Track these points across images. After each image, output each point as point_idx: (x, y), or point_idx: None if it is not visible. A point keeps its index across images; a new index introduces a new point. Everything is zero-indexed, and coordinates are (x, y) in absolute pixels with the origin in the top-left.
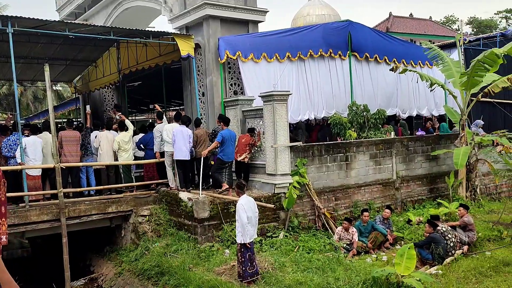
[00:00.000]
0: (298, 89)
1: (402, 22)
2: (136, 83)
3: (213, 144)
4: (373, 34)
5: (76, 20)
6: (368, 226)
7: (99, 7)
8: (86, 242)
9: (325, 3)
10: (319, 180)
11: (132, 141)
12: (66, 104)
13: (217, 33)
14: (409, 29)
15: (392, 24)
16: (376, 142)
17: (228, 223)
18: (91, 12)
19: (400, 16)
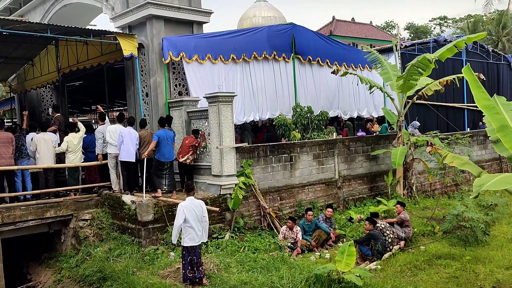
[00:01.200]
0: (243, 91)
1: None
2: (77, 83)
3: (151, 145)
4: (316, 38)
5: (10, 16)
6: (311, 224)
7: (35, 3)
8: (22, 249)
9: (271, 6)
10: (264, 181)
11: (81, 142)
12: (0, 104)
13: (161, 33)
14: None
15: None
16: (319, 142)
17: (173, 225)
18: (27, 8)
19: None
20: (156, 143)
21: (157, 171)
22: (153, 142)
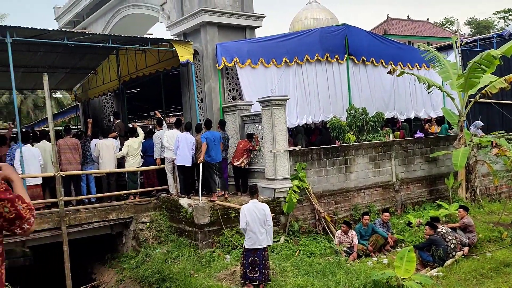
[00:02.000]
0: (296, 94)
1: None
2: (135, 90)
3: (203, 148)
4: (370, 38)
5: (74, 28)
6: (368, 229)
7: (97, 15)
8: (87, 250)
9: (322, 7)
10: (318, 184)
11: (140, 147)
12: (66, 111)
13: (214, 39)
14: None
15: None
16: (375, 145)
17: (228, 228)
18: (90, 20)
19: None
20: (205, 145)
21: (209, 173)
22: (203, 144)
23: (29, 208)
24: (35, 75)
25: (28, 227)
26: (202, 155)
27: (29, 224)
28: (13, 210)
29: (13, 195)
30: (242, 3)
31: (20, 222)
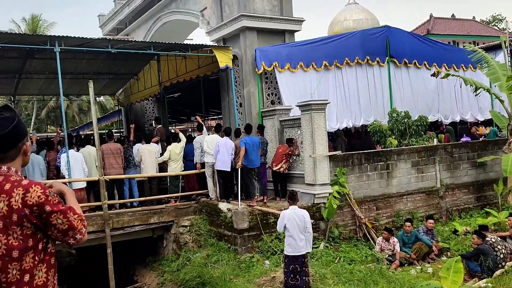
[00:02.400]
0: (335, 97)
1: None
2: (175, 94)
3: (241, 152)
4: (412, 39)
5: (118, 35)
6: (411, 236)
7: (139, 22)
8: (130, 252)
9: (362, 8)
10: (359, 190)
11: (182, 152)
12: (109, 116)
13: (253, 44)
14: (451, 30)
15: (433, 26)
16: (418, 149)
17: (267, 233)
18: (132, 27)
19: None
20: (245, 150)
21: (248, 178)
22: (241, 149)
23: (80, 218)
24: (81, 81)
25: (81, 237)
26: (241, 160)
27: (81, 234)
28: (65, 221)
29: (65, 207)
30: (281, 7)
31: (73, 233)
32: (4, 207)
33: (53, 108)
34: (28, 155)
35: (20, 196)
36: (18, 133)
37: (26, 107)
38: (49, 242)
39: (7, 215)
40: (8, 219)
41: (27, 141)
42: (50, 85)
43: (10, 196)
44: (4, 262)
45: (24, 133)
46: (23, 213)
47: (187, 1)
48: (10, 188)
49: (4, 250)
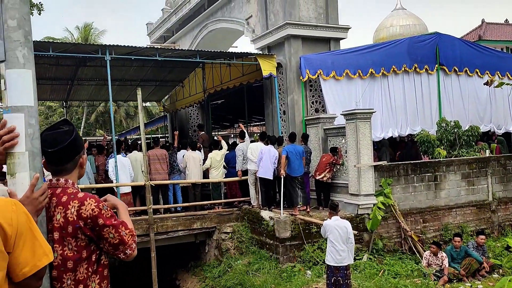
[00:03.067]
0: (381, 106)
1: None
2: (219, 101)
3: (282, 160)
4: (463, 46)
5: (164, 43)
6: (461, 251)
7: (186, 30)
8: (172, 256)
9: (410, 13)
10: (405, 201)
11: (223, 160)
12: (155, 121)
13: (298, 52)
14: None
15: (485, 31)
16: (469, 161)
17: (310, 243)
18: (179, 35)
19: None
20: (285, 158)
21: (291, 186)
22: (282, 157)
23: (132, 234)
24: (128, 88)
25: (130, 252)
26: (283, 168)
27: (131, 249)
28: (117, 236)
29: (117, 221)
30: (327, 15)
31: (123, 248)
32: (61, 218)
33: (101, 113)
34: (84, 168)
35: (75, 209)
36: (76, 146)
37: (76, 112)
38: (102, 254)
39: (63, 227)
40: (64, 230)
41: (83, 154)
42: (99, 91)
43: (66, 208)
44: (60, 272)
45: (81, 146)
46: (78, 225)
47: (233, 9)
48: (67, 201)
49: (59, 260)
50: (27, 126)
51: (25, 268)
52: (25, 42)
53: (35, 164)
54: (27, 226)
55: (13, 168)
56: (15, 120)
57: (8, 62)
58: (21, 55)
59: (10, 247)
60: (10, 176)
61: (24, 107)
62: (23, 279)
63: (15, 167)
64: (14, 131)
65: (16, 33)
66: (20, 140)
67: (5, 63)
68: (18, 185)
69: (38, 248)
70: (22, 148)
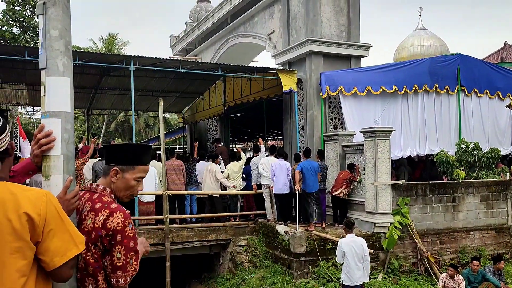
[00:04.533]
0: (400, 124)
1: None
2: (238, 114)
3: (296, 176)
4: (486, 68)
5: (187, 55)
6: (478, 275)
7: (208, 43)
8: (186, 267)
9: (431, 33)
10: (422, 221)
11: (241, 171)
12: (173, 132)
13: (319, 68)
14: None
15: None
16: (488, 183)
17: (324, 260)
18: (201, 48)
19: None
20: (299, 173)
21: (306, 202)
22: (296, 172)
23: (135, 269)
24: (149, 98)
25: (123, 283)
26: (297, 184)
27: (125, 281)
28: (122, 259)
29: (133, 247)
30: (348, 33)
31: (121, 274)
32: (90, 224)
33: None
34: None
35: (104, 217)
36: None
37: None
38: None
39: (90, 232)
40: (90, 235)
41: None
42: (121, 100)
43: (96, 215)
44: (83, 275)
45: None
46: (100, 233)
47: (256, 25)
48: (99, 208)
49: (83, 263)
50: (63, 131)
51: (56, 257)
52: (65, 52)
53: (69, 167)
54: (57, 216)
55: (48, 170)
56: (52, 124)
57: (48, 69)
58: (61, 64)
59: (38, 236)
60: (45, 178)
61: (62, 112)
62: (54, 268)
63: (50, 170)
64: (51, 135)
65: (57, 42)
66: (56, 144)
67: (46, 70)
68: (52, 186)
69: (68, 238)
70: (58, 151)
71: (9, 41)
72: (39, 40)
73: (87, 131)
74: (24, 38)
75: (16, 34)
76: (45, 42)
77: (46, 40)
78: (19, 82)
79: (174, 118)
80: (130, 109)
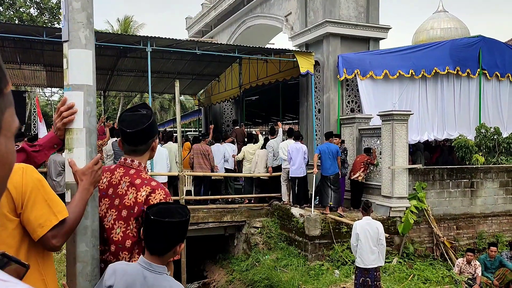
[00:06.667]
0: (418, 108)
1: None
2: (253, 97)
3: (315, 159)
4: (509, 51)
5: (202, 37)
6: (495, 261)
7: (224, 25)
8: (201, 247)
9: (452, 16)
10: (439, 206)
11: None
12: (189, 115)
13: (336, 50)
14: None
15: None
16: (508, 169)
17: (339, 243)
18: (217, 30)
19: None
20: (317, 156)
21: (322, 185)
22: (315, 155)
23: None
24: (165, 80)
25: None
26: (315, 167)
27: None
28: None
29: None
30: (367, 14)
31: None
32: (132, 198)
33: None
34: (155, 151)
35: (146, 193)
36: (152, 130)
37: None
38: None
39: (132, 207)
40: (132, 210)
41: (156, 139)
42: (137, 82)
43: (138, 190)
44: (118, 249)
45: (156, 131)
46: (143, 208)
47: (272, 6)
48: (140, 184)
49: (120, 236)
50: (85, 104)
51: (38, 228)
52: (87, 24)
53: (91, 140)
54: (36, 188)
55: (71, 143)
56: (75, 97)
57: (71, 42)
58: (83, 36)
59: (18, 208)
60: (68, 150)
61: (84, 85)
62: (38, 238)
63: (73, 142)
64: (73, 107)
65: (79, 14)
66: (78, 117)
67: (68, 43)
68: (75, 159)
69: (47, 208)
70: (80, 124)
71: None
72: (62, 12)
73: (103, 113)
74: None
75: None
76: (67, 14)
77: (68, 12)
78: (37, 63)
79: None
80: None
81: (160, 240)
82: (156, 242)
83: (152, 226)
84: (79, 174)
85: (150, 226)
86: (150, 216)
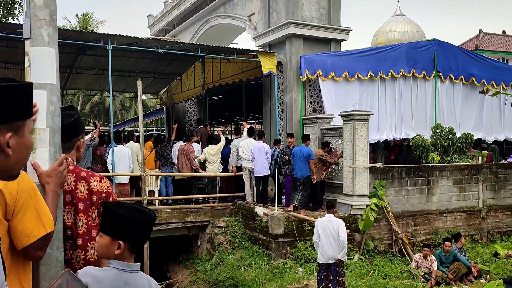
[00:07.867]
0: (378, 109)
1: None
2: (217, 97)
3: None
4: (462, 54)
5: (165, 36)
6: (449, 256)
7: (187, 24)
8: (164, 248)
9: (408, 20)
10: (397, 204)
11: (219, 154)
12: (150, 114)
13: (299, 51)
14: (501, 46)
15: (482, 41)
16: (462, 167)
17: (302, 241)
18: (180, 29)
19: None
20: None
21: (292, 186)
22: (310, 161)
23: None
24: (126, 79)
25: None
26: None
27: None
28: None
29: None
30: (329, 16)
31: None
32: (85, 191)
33: (96, 103)
34: (81, 152)
35: (98, 182)
36: (75, 128)
37: (71, 101)
38: None
39: (88, 198)
40: (88, 201)
41: (82, 138)
42: (97, 80)
43: (89, 181)
44: (85, 241)
45: (80, 130)
46: (101, 196)
47: (236, 6)
48: (87, 176)
49: (84, 229)
50: (48, 103)
51: (24, 238)
52: (50, 21)
53: (55, 140)
54: (29, 197)
55: (34, 143)
56: (37, 96)
57: (33, 40)
58: (46, 34)
59: (9, 214)
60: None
61: (47, 84)
62: (22, 247)
63: (36, 143)
64: (35, 107)
65: (42, 11)
66: (42, 117)
67: (30, 40)
68: (38, 159)
69: (36, 219)
70: (43, 124)
71: None
72: (23, 9)
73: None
74: None
75: None
76: (29, 10)
77: (30, 8)
78: None
79: (151, 100)
80: (106, 90)
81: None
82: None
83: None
84: (44, 177)
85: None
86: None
